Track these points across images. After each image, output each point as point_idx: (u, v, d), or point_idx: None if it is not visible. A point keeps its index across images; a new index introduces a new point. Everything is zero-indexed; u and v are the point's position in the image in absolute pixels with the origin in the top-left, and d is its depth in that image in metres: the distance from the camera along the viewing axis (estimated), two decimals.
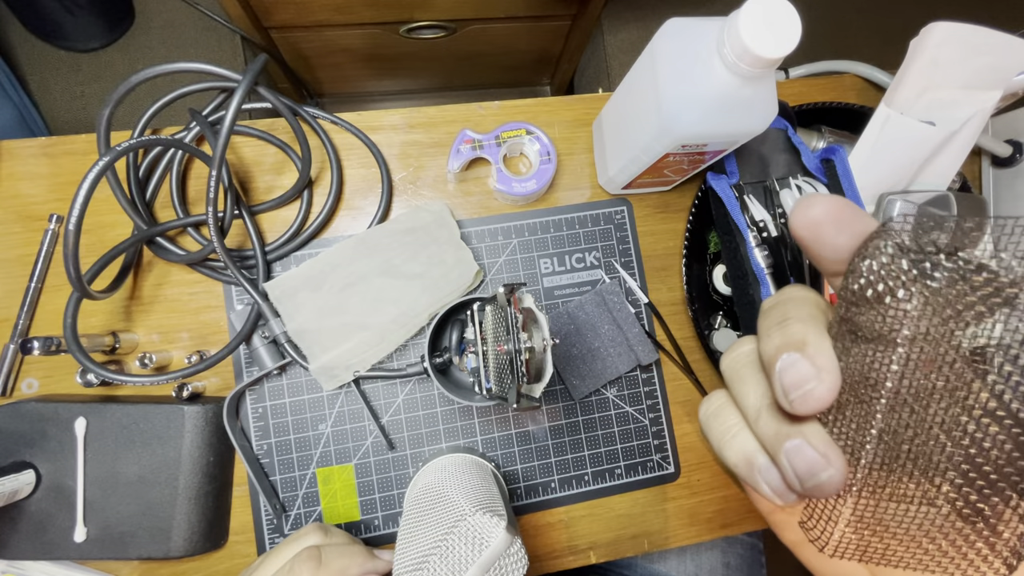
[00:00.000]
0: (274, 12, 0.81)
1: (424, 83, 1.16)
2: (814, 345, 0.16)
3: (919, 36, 0.43)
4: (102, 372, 0.38)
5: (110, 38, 0.83)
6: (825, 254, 0.17)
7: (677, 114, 0.34)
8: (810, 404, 0.16)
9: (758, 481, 0.18)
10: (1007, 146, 0.52)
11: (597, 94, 0.51)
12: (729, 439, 0.19)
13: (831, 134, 0.49)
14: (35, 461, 0.38)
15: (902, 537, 0.17)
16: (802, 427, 0.17)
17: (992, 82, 0.44)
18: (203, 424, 0.40)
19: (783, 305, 0.18)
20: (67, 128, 0.82)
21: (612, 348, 0.46)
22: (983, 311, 0.14)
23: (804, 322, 0.17)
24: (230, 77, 0.40)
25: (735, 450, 0.19)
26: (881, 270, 0.16)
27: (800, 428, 0.17)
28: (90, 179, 0.33)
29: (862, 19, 0.93)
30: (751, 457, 0.18)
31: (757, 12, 0.29)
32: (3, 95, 0.73)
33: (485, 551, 0.28)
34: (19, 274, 0.42)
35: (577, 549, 0.45)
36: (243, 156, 0.46)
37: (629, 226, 0.49)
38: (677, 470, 0.47)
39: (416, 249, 0.43)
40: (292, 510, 0.43)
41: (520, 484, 0.45)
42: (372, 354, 0.42)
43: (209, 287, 0.44)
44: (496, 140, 0.45)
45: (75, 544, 0.38)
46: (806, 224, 0.17)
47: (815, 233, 0.17)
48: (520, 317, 0.33)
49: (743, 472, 0.19)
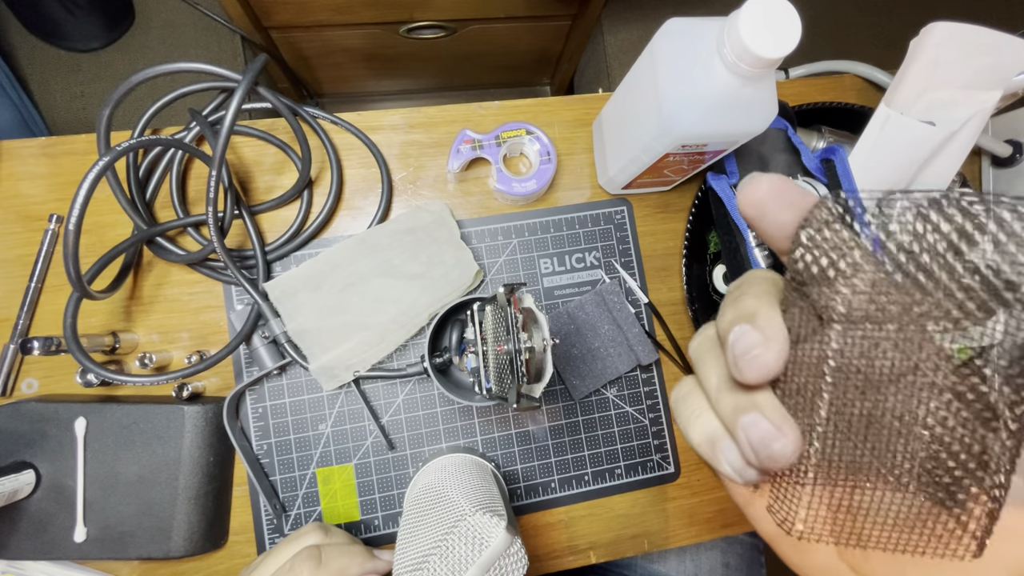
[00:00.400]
0: (274, 12, 0.81)
1: (424, 83, 1.16)
2: (763, 316, 0.17)
3: (919, 36, 0.43)
4: (102, 372, 0.38)
5: (110, 38, 0.83)
6: (771, 232, 0.18)
7: (677, 114, 0.34)
8: (756, 369, 0.17)
9: (719, 459, 0.19)
10: (1007, 146, 0.52)
11: (597, 94, 0.51)
12: (693, 420, 0.20)
13: (831, 134, 0.49)
14: (35, 461, 0.38)
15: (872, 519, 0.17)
16: (756, 398, 0.17)
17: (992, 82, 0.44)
18: (203, 424, 0.40)
19: (741, 286, 0.19)
20: (67, 128, 0.82)
21: (612, 348, 0.46)
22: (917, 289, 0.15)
23: (757, 297, 0.18)
24: (230, 77, 0.40)
25: (698, 430, 0.19)
26: (820, 240, 0.16)
27: (754, 399, 0.17)
28: (90, 179, 0.33)
29: (862, 19, 0.93)
30: (712, 436, 0.19)
31: (757, 12, 0.29)
32: (3, 95, 0.73)
33: (485, 551, 0.28)
34: (19, 274, 0.42)
35: (577, 549, 0.45)
36: (243, 156, 0.46)
37: (629, 226, 0.49)
38: (677, 470, 0.47)
39: (416, 249, 0.43)
40: (292, 510, 0.43)
41: (520, 484, 0.45)
42: (372, 354, 0.42)
43: (209, 287, 0.44)
44: (496, 140, 0.45)
45: (75, 544, 0.38)
46: (751, 203, 0.18)
47: (760, 211, 0.18)
48: (520, 317, 0.33)
49: (706, 452, 0.19)
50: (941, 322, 0.15)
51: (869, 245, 0.15)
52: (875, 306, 0.15)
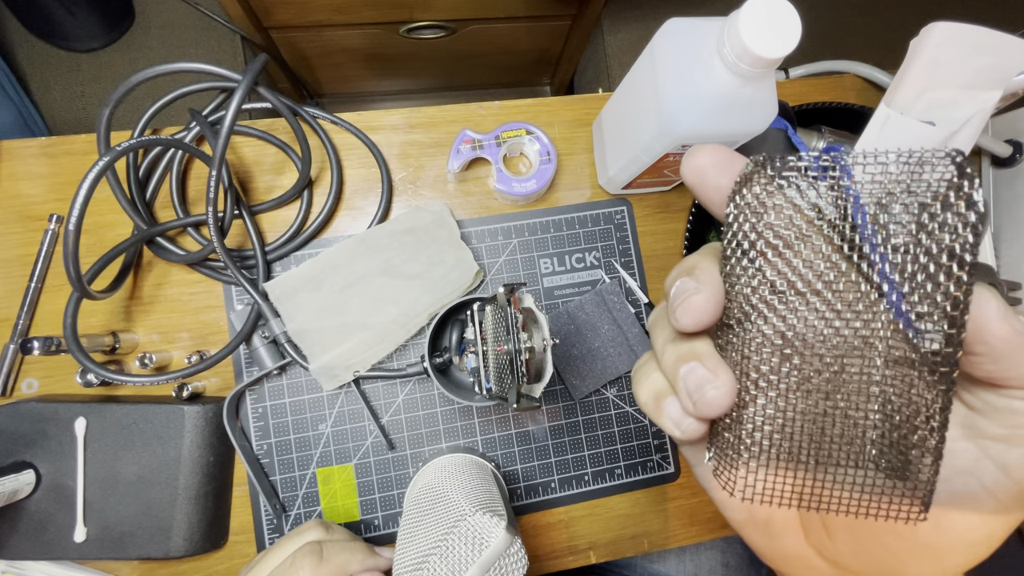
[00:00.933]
0: (274, 12, 0.81)
1: (424, 83, 1.16)
2: (700, 268, 0.18)
3: (919, 36, 0.43)
4: (102, 372, 0.38)
5: (110, 38, 0.83)
6: (711, 196, 0.19)
7: (677, 114, 0.34)
8: (689, 313, 0.17)
9: (661, 413, 0.19)
10: (1007, 146, 0.52)
11: (597, 94, 0.51)
12: (643, 380, 0.21)
13: (831, 134, 0.49)
14: (35, 461, 0.38)
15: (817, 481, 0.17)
16: (695, 346, 0.18)
17: (992, 82, 0.44)
18: (203, 424, 0.40)
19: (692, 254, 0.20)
20: (67, 128, 0.82)
21: (612, 348, 0.46)
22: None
23: (699, 255, 0.19)
24: (230, 77, 0.40)
25: (645, 389, 0.20)
26: (751, 200, 0.16)
27: (693, 347, 0.18)
28: (90, 179, 0.33)
29: (862, 19, 0.93)
30: (657, 391, 0.20)
31: (757, 12, 0.29)
32: (3, 95, 0.73)
33: (485, 551, 0.28)
34: (19, 274, 0.42)
35: (577, 549, 0.45)
36: (243, 156, 0.46)
37: (629, 226, 0.49)
38: (677, 470, 0.47)
39: (416, 249, 0.43)
40: (292, 510, 0.43)
41: (520, 484, 0.45)
42: (372, 354, 0.42)
43: (209, 287, 0.44)
44: (496, 140, 0.45)
45: (75, 544, 0.38)
46: (692, 169, 0.19)
47: (701, 178, 0.19)
48: (520, 317, 0.33)
49: (651, 408, 0.20)
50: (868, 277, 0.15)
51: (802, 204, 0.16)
52: (804, 264, 0.16)
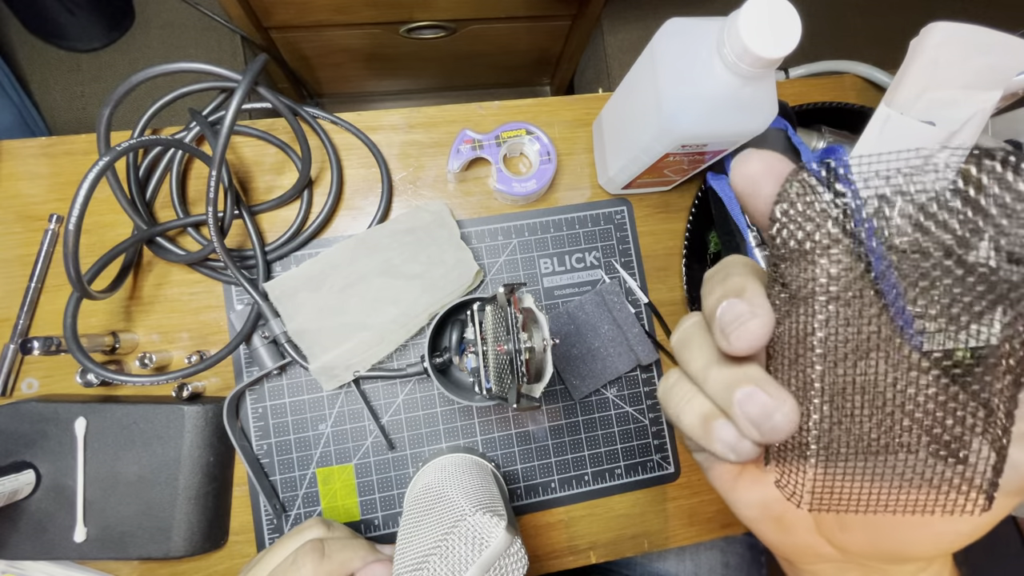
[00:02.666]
0: (274, 12, 0.81)
1: (424, 83, 1.16)
2: (751, 290, 0.17)
3: (919, 36, 0.43)
4: (102, 372, 0.38)
5: (110, 38, 0.83)
6: (762, 208, 0.18)
7: (677, 114, 0.34)
8: (744, 337, 0.17)
9: (712, 438, 0.18)
10: (1007, 146, 0.52)
11: (597, 94, 0.51)
12: (684, 404, 0.20)
13: (831, 134, 0.49)
14: (35, 461, 0.38)
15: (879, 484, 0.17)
16: (748, 371, 0.17)
17: (992, 82, 0.44)
18: (203, 424, 0.40)
19: (724, 268, 0.19)
20: (67, 128, 0.82)
21: (612, 348, 0.46)
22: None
23: (743, 275, 0.18)
24: (230, 77, 0.40)
25: (691, 413, 0.19)
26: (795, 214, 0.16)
27: (747, 372, 0.17)
28: (90, 179, 0.33)
29: (862, 19, 0.93)
30: (707, 416, 0.19)
31: (757, 12, 0.29)
32: (3, 95, 0.73)
33: (485, 551, 0.28)
34: (19, 274, 0.42)
35: (577, 549, 0.45)
36: (243, 156, 0.46)
37: (629, 226, 0.49)
38: (677, 470, 0.47)
39: (416, 249, 0.43)
40: (292, 510, 0.43)
41: (520, 484, 0.45)
42: (372, 354, 0.42)
43: (209, 287, 0.44)
44: (496, 140, 0.45)
45: (75, 544, 0.38)
46: (744, 177, 0.18)
47: (753, 187, 0.18)
48: (520, 317, 0.33)
49: (699, 433, 0.19)
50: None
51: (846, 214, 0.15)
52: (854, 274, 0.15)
